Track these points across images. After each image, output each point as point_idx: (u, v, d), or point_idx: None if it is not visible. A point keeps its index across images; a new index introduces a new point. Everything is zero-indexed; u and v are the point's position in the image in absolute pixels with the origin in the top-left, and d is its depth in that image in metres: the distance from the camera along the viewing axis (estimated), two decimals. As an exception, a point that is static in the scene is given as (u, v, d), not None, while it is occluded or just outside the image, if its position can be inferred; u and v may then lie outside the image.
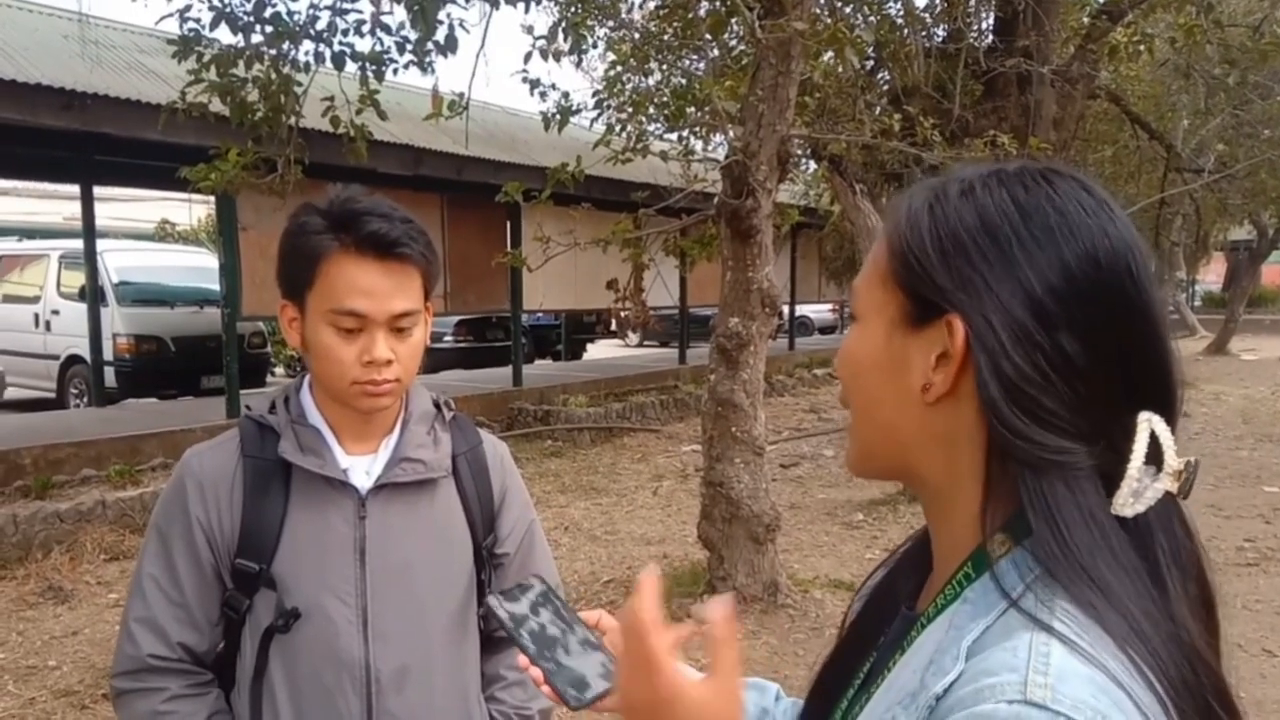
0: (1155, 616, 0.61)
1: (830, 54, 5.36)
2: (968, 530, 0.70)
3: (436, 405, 1.46)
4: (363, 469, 1.36)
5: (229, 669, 1.35)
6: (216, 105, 4.94)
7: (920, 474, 0.74)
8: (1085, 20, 8.45)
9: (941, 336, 0.68)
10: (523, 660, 0.95)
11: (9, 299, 11.67)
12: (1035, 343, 0.64)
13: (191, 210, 21.48)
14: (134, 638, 1.30)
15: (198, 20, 4.72)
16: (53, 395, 10.88)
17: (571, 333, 18.03)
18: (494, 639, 1.50)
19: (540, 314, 15.39)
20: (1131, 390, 0.66)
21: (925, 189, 0.74)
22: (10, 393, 11.27)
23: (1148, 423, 0.65)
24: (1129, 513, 0.64)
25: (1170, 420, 0.66)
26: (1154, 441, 0.65)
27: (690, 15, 6.40)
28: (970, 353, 0.66)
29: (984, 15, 8.25)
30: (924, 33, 7.64)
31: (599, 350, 19.16)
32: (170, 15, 4.71)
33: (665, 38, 7.67)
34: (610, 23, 7.73)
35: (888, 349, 0.72)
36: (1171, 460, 0.64)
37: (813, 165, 9.37)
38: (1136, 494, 0.64)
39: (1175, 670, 0.60)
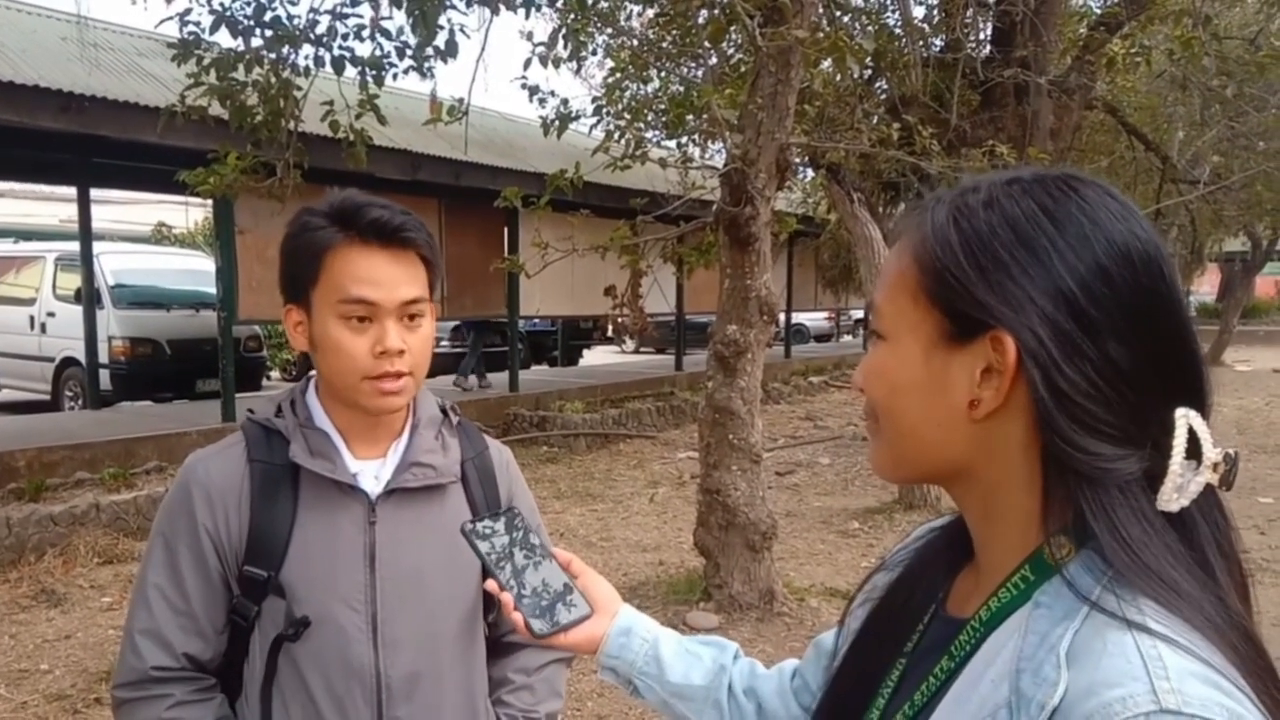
0: (1219, 606, 0.63)
1: (829, 62, 5.37)
2: (1020, 534, 0.70)
3: (443, 410, 1.45)
4: (371, 474, 1.34)
5: (235, 675, 1.33)
6: (216, 109, 4.94)
7: (965, 482, 0.74)
8: (1083, 31, 8.48)
9: (985, 352, 0.68)
10: (492, 585, 0.97)
11: (4, 301, 11.63)
12: (1083, 352, 0.65)
13: (188, 213, 21.48)
14: (138, 650, 1.28)
15: (197, 24, 4.72)
16: (47, 398, 10.84)
17: (568, 338, 18.02)
18: (502, 643, 1.49)
19: (537, 319, 15.38)
20: (1169, 388, 0.66)
21: (943, 202, 0.73)
22: (5, 395, 11.26)
23: (1185, 418, 0.65)
24: (1174, 508, 0.65)
25: (1204, 413, 0.67)
26: (1192, 436, 0.65)
27: (690, 23, 6.41)
28: (1021, 368, 0.66)
29: (982, 26, 8.28)
30: (922, 43, 7.66)
31: (595, 356, 19.14)
32: (170, 19, 4.71)
33: (664, 45, 7.69)
34: (609, 30, 7.74)
35: (927, 367, 0.72)
36: (1210, 453, 0.65)
37: (810, 173, 9.39)
38: (1180, 489, 0.65)
39: (1250, 656, 0.61)
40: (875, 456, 0.80)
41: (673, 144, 8.01)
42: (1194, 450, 0.65)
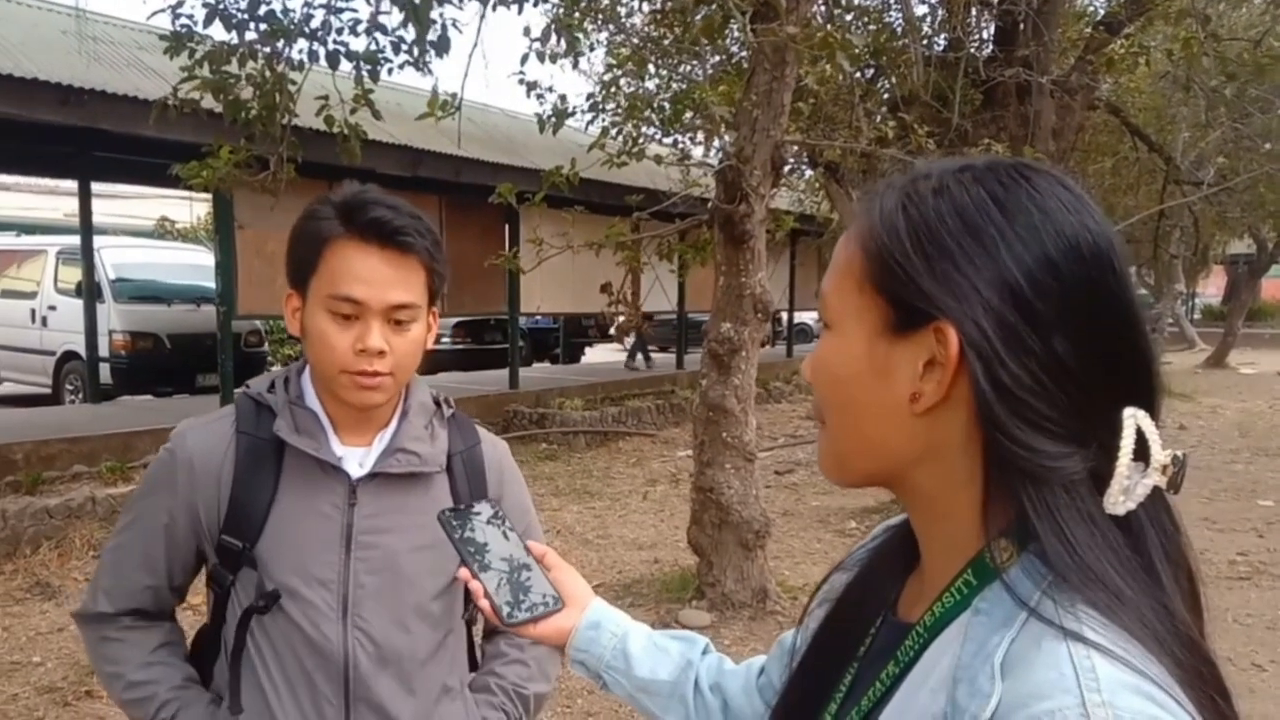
0: (1162, 614, 0.61)
1: (825, 60, 5.35)
2: (963, 536, 0.68)
3: (436, 401, 1.45)
4: (356, 460, 1.35)
5: (216, 639, 1.38)
6: (209, 102, 4.92)
7: (908, 481, 0.72)
8: (1085, 31, 8.46)
9: (929, 343, 0.66)
10: (464, 572, 0.98)
11: (6, 294, 11.65)
12: (1028, 347, 0.63)
13: (193, 208, 21.48)
14: (95, 597, 1.38)
15: (190, 16, 4.70)
16: (48, 391, 10.87)
17: (570, 336, 18.03)
18: None
19: (539, 317, 15.40)
20: (1116, 387, 0.64)
21: (893, 188, 0.71)
22: (5, 388, 11.28)
23: (1133, 419, 0.63)
24: (1120, 510, 0.63)
25: (1153, 414, 0.65)
26: (1140, 437, 0.63)
27: (688, 19, 6.40)
28: (964, 360, 0.64)
29: (984, 25, 8.26)
30: (924, 41, 7.64)
31: (597, 354, 19.14)
32: (162, 10, 4.68)
33: (665, 42, 7.69)
34: (610, 26, 7.74)
35: (869, 358, 0.69)
36: (1158, 455, 0.63)
37: (809, 172, 9.37)
38: (1127, 491, 0.62)
39: (1190, 664, 0.60)
40: (821, 455, 0.78)
41: (670, 141, 8.00)
42: (1142, 452, 0.63)
